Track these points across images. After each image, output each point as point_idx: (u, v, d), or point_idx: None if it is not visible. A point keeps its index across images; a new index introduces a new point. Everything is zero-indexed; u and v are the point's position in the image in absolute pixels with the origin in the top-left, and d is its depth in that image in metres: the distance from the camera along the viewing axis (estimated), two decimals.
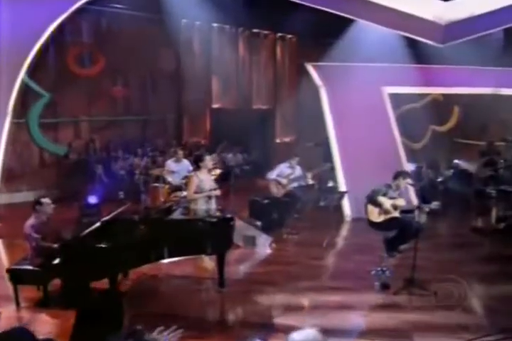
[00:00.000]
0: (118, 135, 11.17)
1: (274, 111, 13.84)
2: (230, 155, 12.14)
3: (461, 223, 8.66)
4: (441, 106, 13.29)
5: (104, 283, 4.59)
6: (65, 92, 10.23)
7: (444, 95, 12.95)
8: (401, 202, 5.67)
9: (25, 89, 9.01)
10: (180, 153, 8.54)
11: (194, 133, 12.55)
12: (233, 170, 8.53)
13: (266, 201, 7.90)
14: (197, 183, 5.84)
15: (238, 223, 7.22)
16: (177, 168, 8.34)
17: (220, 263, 5.29)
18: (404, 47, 10.47)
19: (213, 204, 5.98)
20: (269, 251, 6.91)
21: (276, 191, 7.68)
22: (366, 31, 9.89)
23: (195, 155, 6.29)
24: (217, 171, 8.78)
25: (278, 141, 14.03)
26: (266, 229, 7.69)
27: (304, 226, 7.94)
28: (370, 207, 5.69)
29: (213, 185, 6.00)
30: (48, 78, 9.82)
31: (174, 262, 5.62)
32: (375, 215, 5.67)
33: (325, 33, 10.89)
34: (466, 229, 8.16)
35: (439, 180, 10.70)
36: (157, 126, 11.90)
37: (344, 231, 8.06)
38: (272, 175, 7.65)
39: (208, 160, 5.93)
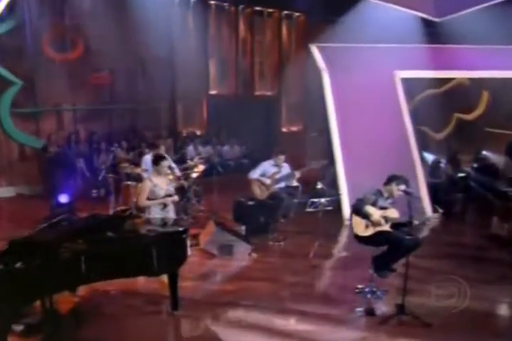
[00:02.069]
0: (104, 126, 10.62)
1: (279, 97, 13.01)
2: (226, 148, 11.42)
3: (479, 230, 7.75)
4: (467, 92, 12.19)
5: None
6: (44, 80, 9.68)
7: (470, 79, 11.86)
8: (393, 213, 4.85)
9: None
10: (163, 147, 7.87)
11: (189, 123, 11.88)
12: (216, 165, 7.79)
13: (251, 203, 7.17)
14: (150, 188, 5.19)
15: (212, 229, 6.62)
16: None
17: (172, 283, 4.64)
18: (421, 26, 9.56)
19: (171, 213, 5.31)
20: (245, 262, 6.22)
21: (259, 192, 6.93)
22: (379, 9, 9.07)
23: (154, 156, 5.60)
24: (201, 167, 8.14)
25: (284, 130, 13.23)
26: (250, 235, 7.02)
27: (294, 231, 7.22)
28: (356, 219, 4.89)
29: (171, 190, 5.32)
30: (21, 64, 9.26)
31: None
32: (362, 228, 4.87)
33: (337, 11, 10.00)
34: (485, 237, 7.24)
35: (460, 175, 9.72)
36: (148, 115, 11.25)
37: (339, 237, 7.27)
38: (255, 174, 6.90)
39: (165, 165, 5.25)
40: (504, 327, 4.62)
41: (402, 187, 4.86)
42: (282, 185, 6.88)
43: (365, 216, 4.80)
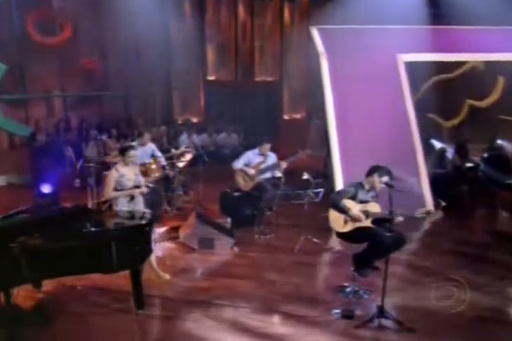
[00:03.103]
0: (95, 113, 10.41)
1: (281, 83, 12.60)
2: (223, 136, 11.12)
3: (484, 225, 7.35)
4: (481, 77, 11.64)
5: None
6: (33, 65, 9.49)
7: (486, 64, 11.30)
8: (374, 208, 4.51)
9: None
10: (147, 136, 7.61)
11: (186, 111, 11.59)
12: (202, 154, 7.51)
13: (236, 194, 6.90)
14: (117, 179, 4.96)
15: (192, 222, 6.39)
16: (138, 153, 7.43)
17: (134, 281, 4.41)
18: (427, 7, 9.12)
19: (140, 205, 5.07)
20: (226, 257, 5.97)
21: (243, 183, 6.64)
22: None
23: (120, 146, 5.36)
24: (188, 156, 7.88)
25: (286, 117, 12.85)
26: (236, 228, 6.76)
27: (282, 224, 6.93)
28: (334, 213, 4.57)
29: (139, 181, 5.08)
30: (5, 48, 9.05)
31: None
32: (340, 224, 4.55)
33: None
34: (489, 234, 6.84)
35: (468, 165, 9.28)
36: (142, 102, 11.00)
37: (328, 231, 6.92)
38: (238, 164, 6.60)
39: (132, 155, 5.00)
40: (496, 335, 4.28)
41: (385, 178, 4.51)
42: (268, 175, 6.58)
43: (343, 210, 4.48)
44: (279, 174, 6.55)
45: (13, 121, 9.23)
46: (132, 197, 5.02)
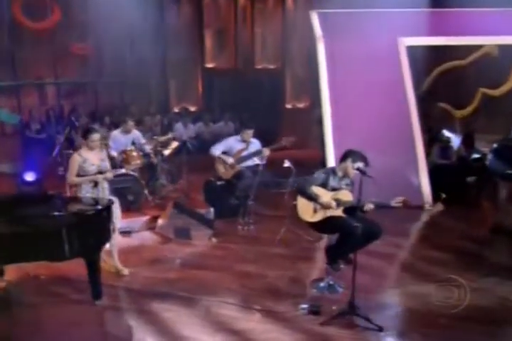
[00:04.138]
0: (89, 100, 10.30)
1: (283, 71, 12.31)
2: (220, 124, 10.90)
3: (485, 218, 6.98)
4: (495, 64, 11.15)
5: None
6: (22, 51, 9.42)
7: (501, 49, 10.81)
8: (346, 196, 4.24)
9: None
10: (131, 123, 7.46)
11: (183, 99, 11.40)
12: (186, 143, 7.31)
13: (220, 183, 6.69)
14: (79, 164, 4.79)
15: (170, 211, 6.22)
16: (121, 140, 7.31)
17: (90, 269, 4.24)
18: None
19: (105, 192, 4.90)
20: (201, 248, 5.77)
21: (223, 170, 6.42)
22: None
23: (83, 129, 5.18)
24: (174, 144, 7.71)
25: (289, 106, 12.57)
26: (219, 218, 6.56)
27: (269, 215, 6.73)
28: (302, 201, 4.31)
29: (104, 166, 4.90)
30: None
31: None
32: (310, 212, 4.29)
33: None
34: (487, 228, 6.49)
35: (475, 156, 8.90)
36: (137, 90, 10.84)
37: None
38: (216, 150, 6.38)
39: (95, 138, 4.81)
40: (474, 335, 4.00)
41: (358, 164, 4.24)
42: (250, 163, 6.35)
43: (312, 198, 4.23)
44: (257, 161, 6.30)
45: (2, 108, 9.20)
46: (96, 184, 4.85)
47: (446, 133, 9.69)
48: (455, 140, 9.41)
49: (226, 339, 3.87)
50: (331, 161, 7.58)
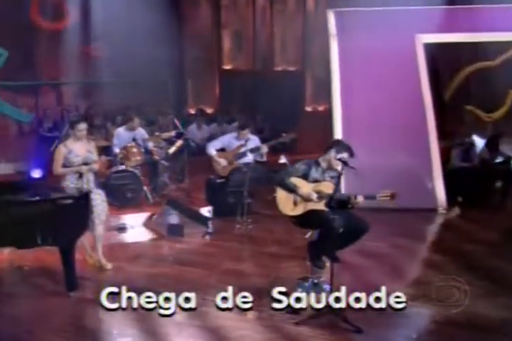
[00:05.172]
0: (105, 100, 10.46)
1: (303, 73, 12.18)
2: (234, 125, 10.83)
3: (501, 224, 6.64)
4: None
5: None
6: (41, 51, 9.71)
7: None
8: (327, 188, 4.06)
9: None
10: (137, 121, 7.53)
11: (200, 101, 11.45)
12: (188, 140, 7.30)
13: (219, 181, 6.63)
14: (64, 155, 4.82)
15: (163, 208, 6.22)
16: (125, 137, 7.36)
17: (64, 260, 4.24)
18: None
19: (90, 184, 4.90)
20: (193, 245, 5.71)
21: (220, 168, 6.35)
22: None
23: (70, 119, 5.22)
24: (179, 142, 7.72)
25: (309, 109, 12.43)
26: (218, 217, 6.50)
27: (270, 214, 6.57)
28: (281, 193, 4.17)
29: (90, 158, 4.92)
30: (7, 33, 9.29)
31: None
32: (290, 205, 4.14)
33: None
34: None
35: (498, 160, 8.53)
36: (153, 91, 10.94)
37: None
38: (212, 149, 6.34)
39: (81, 128, 4.82)
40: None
41: (342, 155, 4.07)
42: (248, 160, 6.25)
43: (291, 189, 4.08)
44: (263, 159, 6.22)
45: (13, 107, 9.47)
46: (81, 175, 4.86)
47: (475, 138, 9.33)
48: (479, 142, 9.03)
49: (198, 334, 3.77)
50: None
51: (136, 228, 6.31)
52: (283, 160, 5.59)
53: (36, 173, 8.00)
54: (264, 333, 3.77)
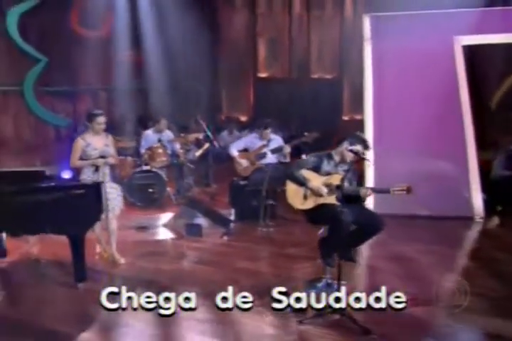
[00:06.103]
0: (140, 107, 10.74)
1: (341, 81, 12.07)
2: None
3: None
4: None
5: None
6: (78, 58, 10.10)
7: None
8: (338, 180, 3.95)
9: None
10: (164, 122, 7.69)
11: (234, 108, 11.54)
12: (212, 142, 7.34)
13: (243, 182, 6.60)
14: (82, 148, 4.94)
15: (182, 208, 6.25)
16: (152, 138, 7.50)
17: (74, 249, 4.30)
18: None
19: (106, 177, 4.98)
20: (209, 245, 5.67)
21: (242, 168, 6.33)
22: None
23: (88, 113, 5.34)
24: (206, 145, 7.80)
25: (346, 118, 12.28)
26: (240, 219, 6.47)
27: (293, 218, 6.49)
28: (291, 186, 4.08)
29: (108, 151, 5.01)
30: (48, 41, 9.75)
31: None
32: (299, 199, 4.04)
33: None
34: None
35: None
36: (188, 98, 11.15)
37: None
38: (234, 149, 6.34)
39: (100, 121, 4.94)
40: None
41: (355, 147, 3.95)
42: (271, 160, 6.20)
43: (301, 182, 3.99)
44: (286, 159, 6.17)
45: (50, 112, 9.87)
46: (97, 168, 4.96)
47: None
48: None
49: (195, 328, 3.71)
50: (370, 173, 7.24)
51: (156, 228, 6.35)
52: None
53: (66, 174, 8.22)
54: (263, 330, 3.67)
